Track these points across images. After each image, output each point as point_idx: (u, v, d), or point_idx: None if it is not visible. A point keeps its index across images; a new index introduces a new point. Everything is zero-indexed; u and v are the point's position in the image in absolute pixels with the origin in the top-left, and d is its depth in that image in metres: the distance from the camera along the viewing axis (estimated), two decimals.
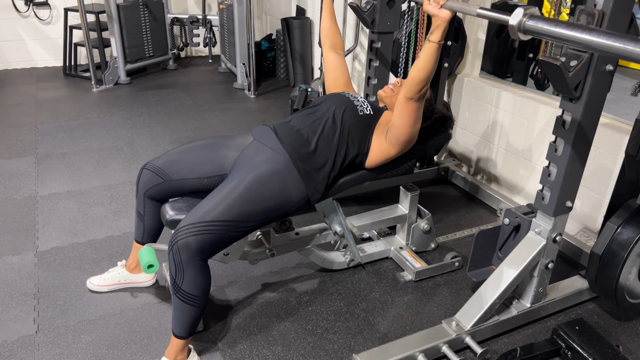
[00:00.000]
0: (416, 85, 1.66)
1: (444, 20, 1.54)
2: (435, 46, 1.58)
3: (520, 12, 1.26)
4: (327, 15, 2.18)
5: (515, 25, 1.27)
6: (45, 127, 3.78)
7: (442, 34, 1.57)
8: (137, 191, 1.92)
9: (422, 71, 1.63)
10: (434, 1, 1.54)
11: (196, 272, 1.59)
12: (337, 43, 2.17)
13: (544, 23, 1.23)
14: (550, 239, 1.81)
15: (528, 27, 1.25)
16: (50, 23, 5.21)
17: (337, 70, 2.15)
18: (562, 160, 1.69)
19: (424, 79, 1.65)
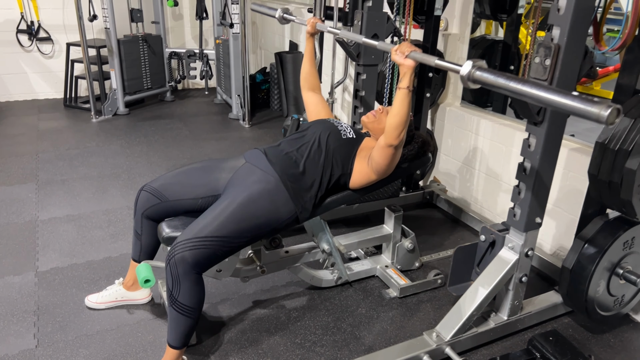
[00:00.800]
0: (394, 130, 1.80)
1: (409, 68, 1.71)
2: (405, 92, 1.75)
3: (469, 64, 1.42)
4: (307, 60, 2.37)
5: (465, 75, 1.43)
6: (46, 155, 3.92)
7: (410, 80, 1.73)
8: (135, 212, 2.04)
9: (397, 116, 1.78)
10: (400, 52, 1.71)
11: (192, 284, 1.70)
12: (315, 85, 2.37)
13: (489, 74, 1.39)
14: (523, 253, 1.93)
15: (476, 77, 1.41)
16: (53, 57, 5.42)
17: (318, 105, 2.32)
18: (530, 179, 1.83)
19: (401, 123, 1.78)
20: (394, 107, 1.78)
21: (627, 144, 1.73)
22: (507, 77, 1.34)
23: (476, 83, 1.43)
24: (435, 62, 1.60)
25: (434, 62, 1.61)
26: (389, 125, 1.80)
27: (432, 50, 2.90)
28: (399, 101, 1.76)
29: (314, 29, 2.33)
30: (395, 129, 1.79)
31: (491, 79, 1.37)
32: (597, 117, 1.14)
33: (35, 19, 5.20)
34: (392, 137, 1.81)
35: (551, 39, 1.65)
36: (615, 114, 1.12)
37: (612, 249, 1.94)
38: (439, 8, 2.82)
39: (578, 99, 1.18)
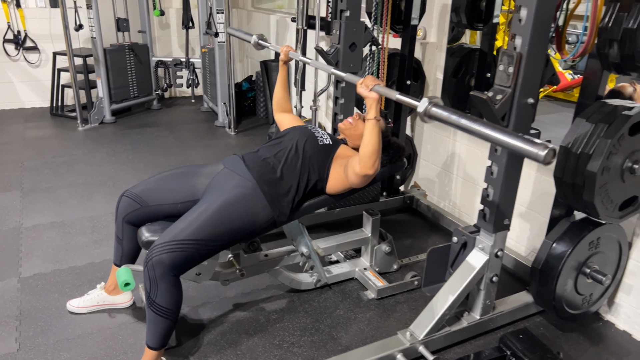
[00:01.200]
0: (369, 160, 1.86)
1: (374, 100, 1.80)
2: (373, 122, 1.82)
3: (426, 101, 1.53)
4: (280, 86, 2.45)
5: (422, 111, 1.54)
6: (32, 163, 3.94)
7: (376, 111, 1.82)
8: (116, 217, 2.09)
9: (369, 146, 1.84)
10: (365, 85, 1.80)
11: (169, 286, 1.75)
12: (287, 109, 2.46)
13: (443, 111, 1.50)
14: (493, 254, 2.00)
15: (432, 113, 1.52)
16: (39, 66, 5.45)
17: (292, 121, 2.38)
18: (497, 182, 1.90)
19: (374, 152, 1.85)
20: (365, 137, 1.85)
21: (589, 148, 1.81)
22: (459, 115, 1.47)
23: (431, 119, 1.54)
24: (396, 96, 1.70)
25: (395, 96, 1.71)
26: (362, 154, 1.87)
27: (410, 58, 2.98)
28: (368, 131, 1.83)
29: (287, 57, 2.42)
30: (369, 158, 1.86)
31: (445, 115, 1.49)
32: (535, 156, 1.28)
33: (22, 28, 5.23)
34: (367, 167, 1.87)
35: (514, 48, 1.73)
36: (551, 154, 1.26)
37: (578, 249, 2.01)
38: (416, 17, 2.90)
39: (521, 140, 1.32)
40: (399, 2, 2.92)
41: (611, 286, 2.21)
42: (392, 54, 3.02)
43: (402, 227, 3.12)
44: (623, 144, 1.81)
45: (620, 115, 1.79)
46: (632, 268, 2.20)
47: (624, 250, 2.15)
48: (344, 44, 2.68)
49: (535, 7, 1.64)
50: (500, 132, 1.37)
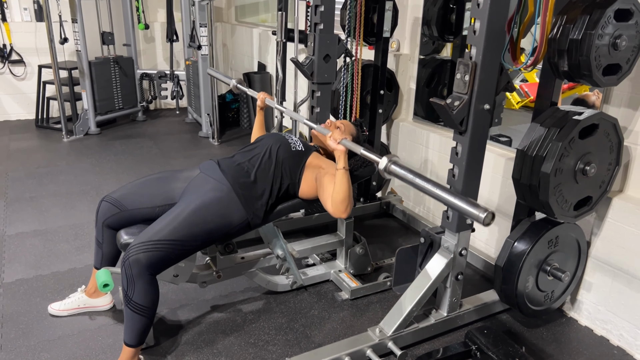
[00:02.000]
0: (340, 205, 1.96)
1: (342, 152, 1.92)
2: (342, 172, 1.94)
3: (385, 160, 1.71)
4: (257, 127, 2.61)
5: (382, 168, 1.70)
6: (16, 174, 3.99)
7: (344, 162, 1.94)
8: (96, 221, 2.16)
9: (340, 193, 1.95)
10: (333, 139, 1.93)
11: (145, 285, 1.82)
12: None
13: (400, 169, 1.67)
14: (457, 252, 2.10)
15: (391, 170, 1.69)
16: (25, 79, 5.51)
17: None
18: (459, 184, 2.01)
19: (345, 198, 1.95)
20: (336, 185, 1.95)
21: (542, 150, 1.92)
22: (414, 174, 1.64)
23: (390, 175, 1.70)
24: (361, 151, 1.84)
25: (359, 151, 1.85)
26: (334, 200, 1.96)
27: (382, 69, 3.11)
28: (338, 180, 1.95)
29: (263, 103, 2.55)
30: (341, 203, 1.96)
31: (402, 173, 1.66)
32: (476, 217, 1.45)
33: (7, 42, 5.30)
34: (339, 211, 1.97)
35: (470, 57, 1.85)
36: (490, 216, 1.43)
37: (538, 247, 2.12)
38: (387, 30, 3.03)
39: (465, 202, 1.49)
40: (371, 16, 3.05)
41: (572, 283, 2.32)
42: (366, 65, 3.15)
43: (378, 232, 3.22)
44: (574, 147, 1.93)
45: (571, 119, 1.91)
46: (592, 266, 2.31)
47: (582, 248, 2.27)
48: (319, 55, 2.79)
49: (487, 19, 1.76)
50: (448, 194, 1.54)
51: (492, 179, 2.76)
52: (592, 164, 1.97)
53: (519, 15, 2.00)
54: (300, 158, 2.19)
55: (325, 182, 2.06)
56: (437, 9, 3.19)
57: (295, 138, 2.30)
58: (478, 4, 1.78)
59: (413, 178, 1.63)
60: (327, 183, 2.05)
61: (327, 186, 2.04)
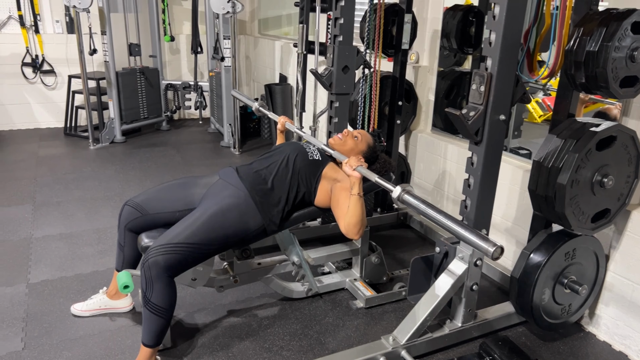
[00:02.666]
0: (354, 228, 2.03)
1: (357, 179, 1.98)
2: (356, 197, 2.00)
3: (399, 189, 1.77)
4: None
5: (396, 197, 1.77)
6: (44, 179, 4.13)
7: (359, 188, 2.00)
8: (119, 225, 2.23)
9: (354, 217, 2.02)
10: (349, 166, 1.98)
11: (163, 286, 1.87)
12: None
13: (413, 199, 1.73)
14: (472, 263, 2.10)
15: (404, 200, 1.75)
16: (55, 89, 5.71)
17: None
18: (474, 194, 2.02)
19: (358, 222, 2.02)
20: (350, 209, 2.02)
21: (558, 162, 1.93)
22: (427, 205, 1.69)
23: (404, 204, 1.76)
24: (375, 179, 1.89)
25: (374, 179, 1.89)
26: (347, 222, 2.03)
27: (401, 80, 3.14)
28: (352, 206, 2.01)
29: (283, 127, 2.63)
30: (354, 226, 2.03)
31: (415, 203, 1.72)
32: (485, 251, 1.51)
33: (39, 52, 5.51)
34: (352, 233, 2.05)
35: (485, 69, 1.88)
36: (499, 251, 1.49)
37: (554, 259, 2.11)
38: (406, 42, 3.07)
39: (475, 235, 1.55)
40: (390, 28, 3.10)
41: (590, 297, 2.29)
42: (385, 76, 3.18)
43: (395, 242, 3.23)
44: (591, 159, 1.93)
45: (588, 131, 1.91)
46: (611, 280, 2.28)
47: (600, 262, 2.24)
48: (337, 66, 2.84)
49: (503, 31, 1.79)
50: (459, 226, 1.61)
51: (511, 191, 2.75)
52: (610, 176, 1.96)
53: (535, 27, 2.02)
54: (317, 167, 2.23)
55: (341, 199, 2.11)
56: (457, 22, 3.22)
57: (313, 147, 2.35)
58: (494, 16, 1.81)
59: (425, 209, 1.69)
60: (342, 200, 2.10)
61: (342, 204, 2.09)
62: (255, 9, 6.40)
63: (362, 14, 3.14)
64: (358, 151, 2.33)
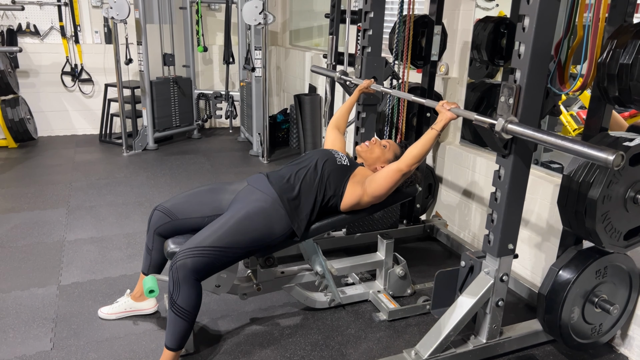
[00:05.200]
0: (412, 159, 2.09)
1: (448, 118, 2.05)
2: (435, 133, 2.08)
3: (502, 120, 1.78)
4: (346, 105, 2.77)
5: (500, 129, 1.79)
6: (78, 184, 4.26)
7: (442, 127, 2.07)
8: (148, 229, 2.28)
9: (419, 148, 2.08)
10: (447, 104, 2.05)
11: (190, 289, 1.90)
12: (341, 126, 2.72)
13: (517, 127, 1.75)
14: (498, 278, 2.05)
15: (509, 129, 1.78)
16: (92, 97, 5.90)
17: (335, 140, 2.64)
18: (501, 208, 1.98)
19: (419, 155, 2.09)
20: (421, 140, 2.09)
21: (589, 176, 1.87)
22: (534, 130, 1.70)
23: (508, 134, 1.79)
24: (475, 116, 1.90)
25: (473, 117, 1.90)
26: (409, 152, 2.09)
27: (430, 92, 3.12)
28: (426, 138, 2.08)
29: (366, 87, 2.75)
30: (413, 157, 2.09)
31: (520, 131, 1.74)
32: (605, 160, 1.49)
33: (78, 62, 5.72)
34: (406, 164, 2.10)
35: (514, 81, 1.85)
36: (620, 158, 1.46)
37: (584, 277, 2.04)
38: (435, 54, 3.05)
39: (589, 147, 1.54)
40: (419, 39, 3.09)
41: (622, 317, 2.21)
42: (413, 87, 3.17)
43: (421, 255, 3.19)
44: (624, 174, 1.87)
45: (620, 146, 1.86)
46: None
47: (634, 281, 2.16)
48: (365, 77, 2.85)
49: (533, 43, 1.76)
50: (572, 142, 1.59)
51: (541, 206, 2.69)
52: None
53: (567, 39, 1.98)
54: (345, 172, 2.24)
55: (377, 176, 2.18)
56: (487, 34, 3.18)
57: (342, 154, 2.36)
58: (523, 28, 1.78)
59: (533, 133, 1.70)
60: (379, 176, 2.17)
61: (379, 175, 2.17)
62: (287, 21, 6.48)
63: (391, 25, 3.14)
64: (384, 160, 2.35)
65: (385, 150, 2.37)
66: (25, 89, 5.54)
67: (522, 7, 1.78)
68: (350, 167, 2.30)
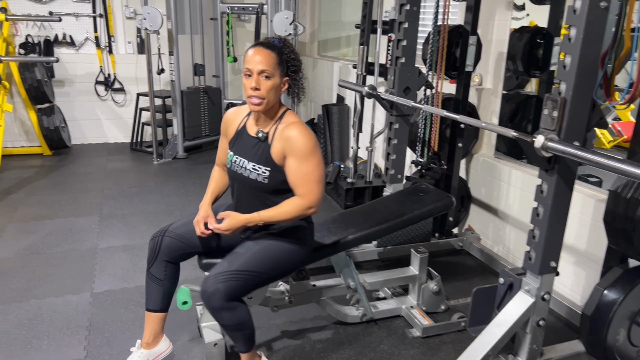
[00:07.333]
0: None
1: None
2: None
3: (541, 137, 1.73)
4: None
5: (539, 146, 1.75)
6: (110, 192, 4.33)
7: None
8: (154, 259, 2.03)
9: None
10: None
11: (230, 310, 1.84)
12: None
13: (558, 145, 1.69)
14: (539, 296, 1.98)
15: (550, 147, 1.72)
16: (124, 106, 6.01)
17: None
18: (543, 224, 1.91)
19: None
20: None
21: (639, 193, 1.79)
22: (576, 148, 1.63)
23: (549, 152, 1.73)
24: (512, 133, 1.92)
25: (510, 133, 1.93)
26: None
27: (464, 103, 3.07)
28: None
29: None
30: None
31: (561, 148, 1.68)
32: None
33: (112, 71, 5.83)
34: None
35: (559, 93, 1.79)
36: None
37: (631, 298, 1.95)
38: (470, 65, 3.00)
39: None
40: (453, 50, 3.04)
41: None
42: (447, 98, 3.12)
43: (453, 269, 3.12)
44: None
45: None
46: None
47: None
48: (398, 88, 2.81)
49: (579, 54, 1.70)
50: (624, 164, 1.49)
51: (580, 221, 2.60)
52: None
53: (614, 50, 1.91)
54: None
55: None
56: (523, 44, 3.11)
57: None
58: (569, 39, 1.73)
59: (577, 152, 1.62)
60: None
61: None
62: (315, 31, 6.50)
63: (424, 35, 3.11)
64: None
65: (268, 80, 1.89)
66: (60, 97, 5.67)
67: (568, 18, 1.73)
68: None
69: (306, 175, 1.89)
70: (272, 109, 1.96)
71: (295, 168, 1.89)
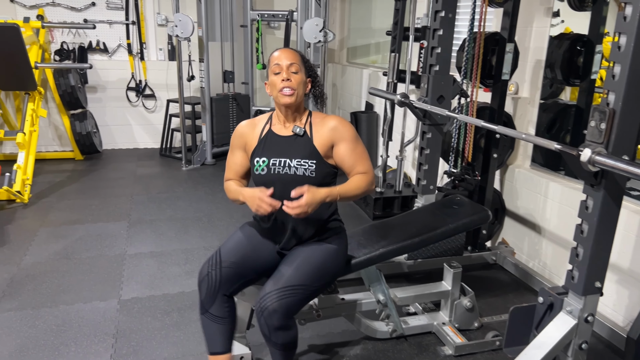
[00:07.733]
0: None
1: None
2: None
3: (588, 151, 1.64)
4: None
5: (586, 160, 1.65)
6: (139, 197, 4.36)
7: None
8: (209, 293, 1.88)
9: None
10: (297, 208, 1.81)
11: (286, 329, 1.81)
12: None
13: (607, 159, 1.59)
14: (582, 318, 1.87)
15: (598, 162, 1.62)
16: (154, 112, 6.08)
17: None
18: (588, 242, 1.81)
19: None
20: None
21: None
22: (627, 163, 1.53)
23: (597, 167, 1.63)
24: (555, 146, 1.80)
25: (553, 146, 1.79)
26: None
27: (499, 112, 2.97)
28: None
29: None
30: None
31: (610, 163, 1.57)
32: None
33: (143, 78, 5.91)
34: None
35: (607, 104, 1.69)
36: None
37: None
38: (507, 73, 2.90)
39: None
40: (489, 58, 2.95)
41: None
42: (482, 107, 3.03)
43: (486, 284, 3.01)
44: None
45: None
46: None
47: None
48: (432, 96, 2.74)
49: (630, 63, 1.60)
50: None
51: (624, 238, 2.46)
52: None
53: None
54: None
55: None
56: (563, 52, 3.00)
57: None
58: (619, 47, 1.63)
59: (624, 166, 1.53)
60: None
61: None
62: (345, 38, 6.47)
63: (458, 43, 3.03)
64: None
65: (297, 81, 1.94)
66: (92, 103, 5.78)
67: (617, 25, 1.63)
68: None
69: (362, 154, 2.00)
70: (300, 108, 1.98)
71: (349, 151, 1.97)
